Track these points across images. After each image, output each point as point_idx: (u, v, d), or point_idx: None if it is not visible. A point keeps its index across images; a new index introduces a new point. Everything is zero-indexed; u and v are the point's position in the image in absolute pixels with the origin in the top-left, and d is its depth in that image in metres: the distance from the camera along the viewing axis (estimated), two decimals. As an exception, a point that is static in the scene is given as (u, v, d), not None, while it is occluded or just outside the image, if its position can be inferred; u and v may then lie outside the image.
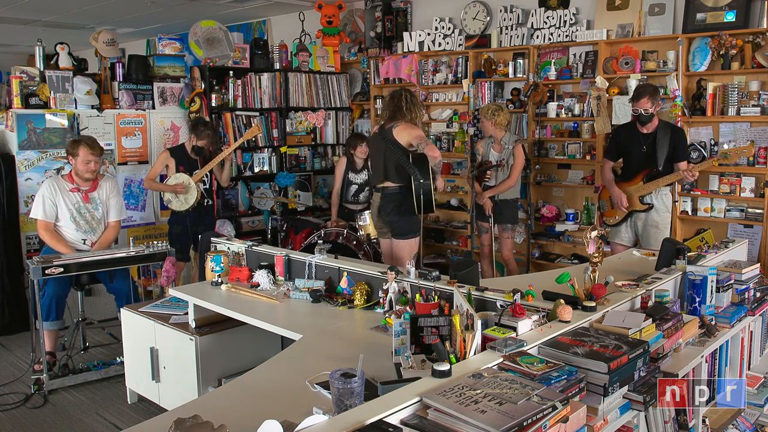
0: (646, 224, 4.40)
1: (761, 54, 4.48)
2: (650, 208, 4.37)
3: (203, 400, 2.52)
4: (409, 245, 4.15)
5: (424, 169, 4.00)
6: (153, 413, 3.40)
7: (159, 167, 5.06)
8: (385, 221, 4.18)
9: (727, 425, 2.57)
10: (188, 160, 5.05)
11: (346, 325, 2.87)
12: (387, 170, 4.13)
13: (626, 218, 4.49)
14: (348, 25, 7.34)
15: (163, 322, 3.47)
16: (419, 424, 1.49)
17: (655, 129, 4.32)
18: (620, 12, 5.24)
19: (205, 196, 5.13)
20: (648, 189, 4.34)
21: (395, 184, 4.11)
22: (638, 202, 4.40)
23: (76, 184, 4.30)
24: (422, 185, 3.97)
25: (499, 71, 5.92)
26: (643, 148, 4.35)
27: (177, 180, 4.96)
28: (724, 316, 2.65)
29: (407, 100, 4.12)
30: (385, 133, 4.14)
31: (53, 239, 4.21)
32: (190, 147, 5.04)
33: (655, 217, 4.37)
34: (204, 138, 4.97)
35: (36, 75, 5.17)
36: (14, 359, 4.54)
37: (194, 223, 5.03)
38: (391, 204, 4.13)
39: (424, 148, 3.99)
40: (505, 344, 1.84)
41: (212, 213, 5.35)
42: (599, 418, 1.78)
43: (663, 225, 4.38)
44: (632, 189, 4.42)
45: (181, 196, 4.96)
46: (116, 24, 8.74)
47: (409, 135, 4.05)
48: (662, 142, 4.27)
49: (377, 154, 4.25)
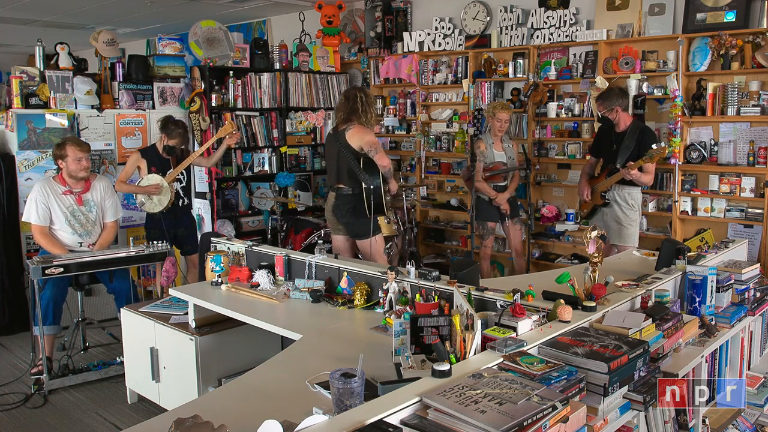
0: (609, 219, 4.60)
1: (761, 54, 4.48)
2: (607, 203, 4.58)
3: (203, 400, 2.52)
4: (371, 243, 4.25)
5: (375, 173, 4.14)
6: (153, 413, 3.40)
7: (130, 169, 4.89)
8: (341, 222, 4.31)
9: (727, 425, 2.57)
10: (160, 160, 4.91)
11: (346, 325, 2.87)
12: (340, 172, 4.24)
13: (593, 212, 4.73)
14: (348, 25, 7.34)
15: (163, 322, 3.47)
16: (419, 424, 1.49)
17: (626, 129, 4.50)
18: (620, 12, 5.24)
19: (181, 195, 5.01)
20: (605, 185, 4.58)
21: (348, 186, 4.21)
22: (599, 196, 4.63)
23: (68, 186, 4.24)
24: (372, 190, 4.10)
25: (499, 71, 5.92)
26: (613, 147, 4.54)
27: (150, 181, 4.82)
28: (724, 316, 2.65)
29: (362, 101, 4.17)
30: (338, 135, 4.21)
31: (50, 243, 4.18)
32: (162, 147, 4.90)
33: (619, 214, 4.55)
34: (175, 137, 4.85)
35: (36, 75, 5.17)
36: (14, 359, 4.54)
37: (172, 224, 4.93)
38: (345, 206, 4.24)
39: (374, 156, 4.10)
40: (505, 344, 1.84)
41: (189, 212, 5.24)
42: (599, 418, 1.78)
43: (627, 222, 4.54)
44: (598, 185, 4.66)
45: (154, 197, 4.82)
46: (116, 24, 8.74)
47: (361, 140, 4.13)
48: (627, 143, 4.45)
49: (331, 155, 4.35)
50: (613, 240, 4.51)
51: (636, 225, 4.58)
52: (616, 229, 4.53)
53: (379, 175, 4.16)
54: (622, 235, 4.51)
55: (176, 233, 4.98)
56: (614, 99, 4.46)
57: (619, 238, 4.51)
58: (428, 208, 6.50)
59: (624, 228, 4.52)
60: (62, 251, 4.16)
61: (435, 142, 6.44)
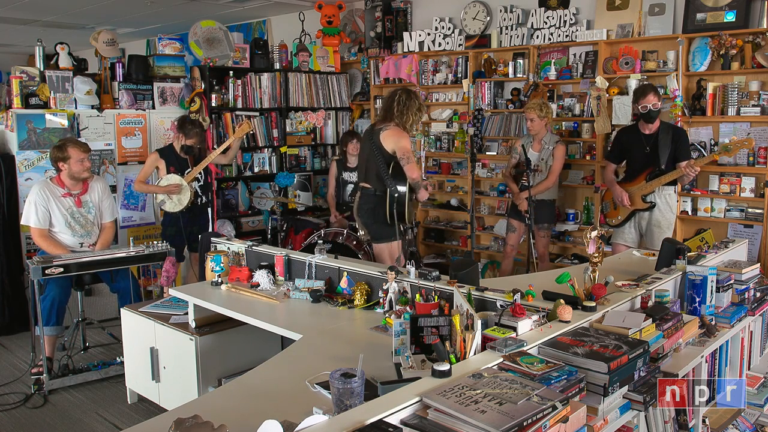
0: (650, 224, 4.41)
1: (761, 54, 4.48)
2: (653, 206, 4.38)
3: (203, 400, 2.52)
4: (386, 248, 4.10)
5: (402, 180, 3.93)
6: (153, 413, 3.40)
7: (149, 169, 4.96)
8: (362, 222, 4.16)
9: (727, 425, 2.57)
10: (178, 160, 4.96)
11: (346, 325, 2.87)
12: (368, 172, 4.08)
13: (629, 218, 4.50)
14: (348, 25, 7.34)
15: (163, 322, 3.47)
16: (419, 424, 1.49)
17: (657, 129, 4.36)
18: (620, 12, 5.23)
19: (200, 194, 5.06)
20: (650, 187, 4.35)
21: (372, 187, 4.05)
22: (641, 201, 4.41)
23: (67, 188, 4.24)
24: (396, 198, 3.92)
25: (499, 71, 5.92)
26: (646, 149, 4.37)
27: (169, 181, 4.88)
28: (724, 316, 2.65)
29: (401, 101, 3.97)
30: (373, 133, 4.05)
31: (50, 245, 4.17)
32: (179, 146, 4.95)
33: (658, 216, 4.38)
34: (193, 136, 4.89)
35: (36, 75, 5.17)
36: (14, 359, 4.54)
37: (188, 223, 4.98)
38: (366, 206, 4.09)
39: (405, 165, 3.91)
40: (505, 344, 1.84)
41: (207, 212, 5.28)
42: (599, 418, 1.78)
43: (666, 225, 4.39)
44: (635, 188, 4.43)
45: (174, 197, 4.88)
46: (116, 24, 8.74)
47: (395, 144, 3.93)
48: (664, 142, 4.29)
49: (363, 152, 4.19)
50: (653, 245, 4.25)
51: (672, 227, 4.43)
52: (658, 234, 4.33)
53: (406, 183, 3.96)
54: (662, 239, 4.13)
55: (192, 231, 5.02)
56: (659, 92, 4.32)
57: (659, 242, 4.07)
58: (428, 208, 6.50)
59: (664, 232, 4.34)
60: (63, 251, 4.15)
61: (435, 142, 6.44)
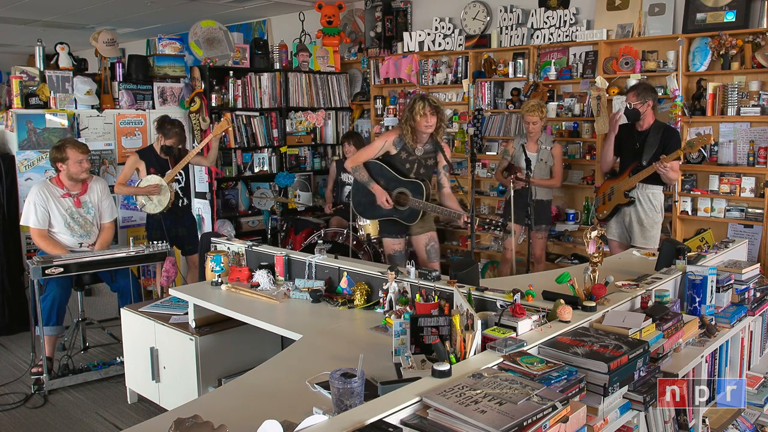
0: (631, 220, 4.45)
1: (761, 54, 4.48)
2: (632, 202, 4.42)
3: (203, 400, 2.52)
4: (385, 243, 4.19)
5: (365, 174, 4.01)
6: (153, 413, 3.41)
7: (129, 171, 4.88)
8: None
9: (727, 425, 2.57)
10: (158, 160, 4.90)
11: (346, 325, 2.87)
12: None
13: (614, 213, 4.55)
14: (348, 25, 7.34)
15: (163, 322, 3.47)
16: (419, 424, 1.49)
17: (649, 127, 4.40)
18: (620, 12, 5.24)
19: (180, 195, 5.00)
20: (631, 183, 4.40)
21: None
22: (622, 195, 4.46)
23: (66, 189, 4.23)
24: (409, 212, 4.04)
25: (499, 71, 5.92)
26: (635, 145, 4.42)
27: (149, 182, 4.81)
28: (724, 316, 2.65)
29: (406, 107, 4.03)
30: None
31: (50, 245, 4.17)
32: (159, 147, 4.89)
33: (640, 214, 4.40)
34: (172, 137, 4.83)
35: (36, 75, 5.17)
36: (14, 359, 4.54)
37: (172, 224, 4.93)
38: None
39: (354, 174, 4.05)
40: (505, 344, 1.84)
41: (190, 212, 5.23)
42: (599, 418, 1.78)
43: (649, 224, 4.39)
44: (621, 183, 4.49)
45: (154, 198, 4.82)
46: (116, 24, 8.74)
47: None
48: (652, 140, 4.34)
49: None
50: (636, 242, 4.36)
51: (658, 227, 4.43)
52: (639, 231, 4.39)
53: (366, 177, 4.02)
54: (646, 237, 4.36)
55: (177, 233, 4.97)
56: (648, 93, 4.34)
57: (643, 240, 4.36)
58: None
59: (646, 230, 4.38)
60: (62, 252, 4.15)
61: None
